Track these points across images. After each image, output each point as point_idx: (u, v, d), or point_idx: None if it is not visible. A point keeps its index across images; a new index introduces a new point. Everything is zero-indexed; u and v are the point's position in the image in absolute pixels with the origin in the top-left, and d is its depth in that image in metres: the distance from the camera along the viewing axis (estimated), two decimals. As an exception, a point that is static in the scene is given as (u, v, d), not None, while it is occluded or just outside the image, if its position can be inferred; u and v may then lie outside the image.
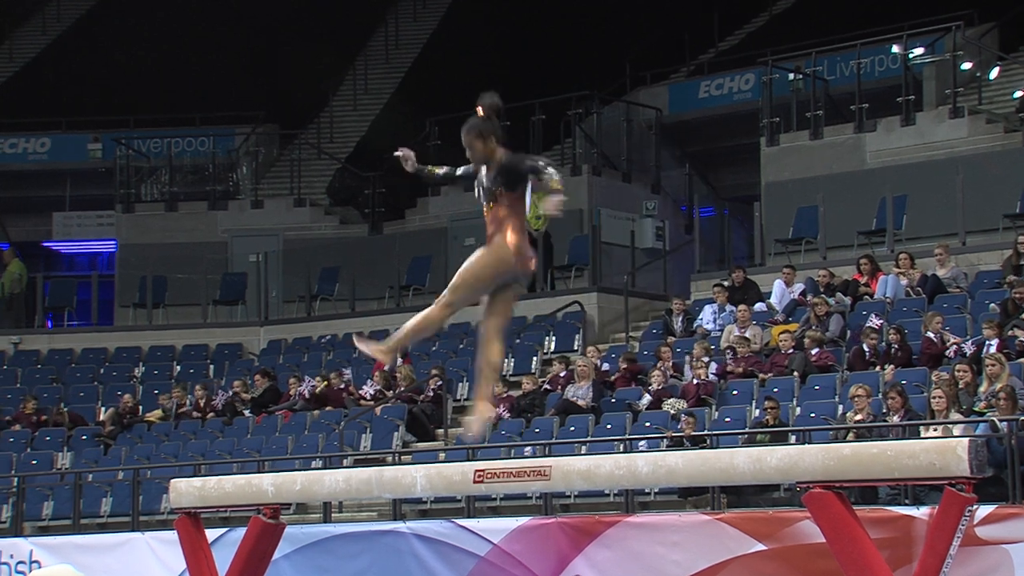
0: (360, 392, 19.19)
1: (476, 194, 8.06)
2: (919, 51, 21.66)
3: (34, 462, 19.58)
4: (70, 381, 22.34)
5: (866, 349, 16.08)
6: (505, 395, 17.85)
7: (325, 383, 19.60)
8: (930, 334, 15.76)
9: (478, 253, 7.89)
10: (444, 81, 28.41)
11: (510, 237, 7.89)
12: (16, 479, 18.32)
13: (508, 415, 17.38)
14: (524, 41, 29.02)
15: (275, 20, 30.61)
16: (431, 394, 18.68)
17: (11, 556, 16.57)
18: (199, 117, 28.01)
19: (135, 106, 28.17)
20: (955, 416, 13.56)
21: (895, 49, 22.11)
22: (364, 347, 8.26)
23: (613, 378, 17.65)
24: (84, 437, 20.21)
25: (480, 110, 7.86)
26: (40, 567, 15.06)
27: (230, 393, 20.21)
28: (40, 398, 21.17)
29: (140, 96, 28.72)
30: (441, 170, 8.29)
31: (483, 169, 7.96)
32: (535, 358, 19.63)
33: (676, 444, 14.29)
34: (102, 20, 32.26)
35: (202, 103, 28.00)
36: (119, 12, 31.70)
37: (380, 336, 20.97)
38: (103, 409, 21.12)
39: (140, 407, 20.88)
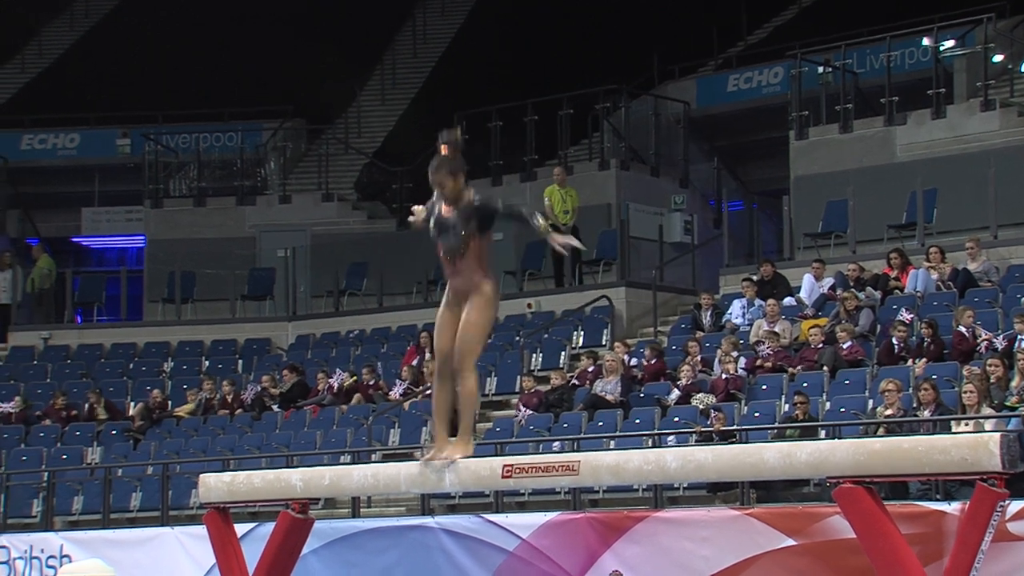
0: (390, 396, 19.11)
1: (433, 233, 8.00)
2: (950, 43, 21.40)
3: (64, 457, 19.59)
4: (99, 376, 22.33)
5: (895, 343, 15.96)
6: (533, 390, 17.81)
7: (354, 378, 19.57)
8: (961, 328, 15.62)
9: (479, 309, 7.92)
10: (472, 75, 28.32)
11: (490, 285, 7.98)
12: (46, 474, 18.37)
13: (529, 412, 17.34)
14: (552, 35, 28.96)
15: (302, 15, 30.61)
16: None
17: (41, 551, 16.67)
18: (227, 112, 27.99)
19: (163, 101, 28.16)
20: (986, 411, 13.44)
21: (926, 41, 21.95)
22: (449, 456, 8.12)
23: (640, 375, 17.55)
24: (114, 432, 20.22)
25: (444, 148, 7.80)
26: (70, 562, 15.27)
27: (259, 388, 20.19)
28: (70, 393, 21.20)
29: (168, 91, 28.75)
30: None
31: (441, 207, 7.93)
32: (563, 353, 19.54)
33: (705, 439, 14.20)
34: (130, 15, 32.35)
35: (230, 98, 28.01)
36: (147, 7, 31.78)
37: (409, 331, 21.03)
38: (132, 404, 21.11)
39: (169, 402, 20.89)
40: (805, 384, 15.75)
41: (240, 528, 10.38)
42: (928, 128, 20.44)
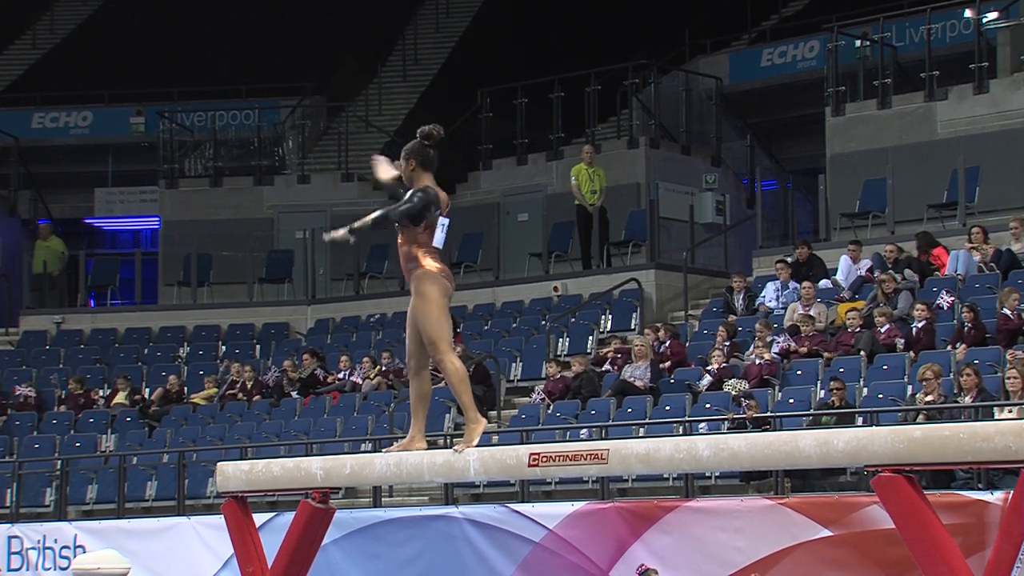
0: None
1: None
2: (993, 15, 21.19)
3: (78, 445, 19.45)
4: (114, 362, 22.19)
5: (915, 328, 15.68)
6: (558, 376, 17.44)
7: (377, 368, 19.22)
8: (1006, 311, 15.34)
9: (422, 298, 8.32)
10: (496, 51, 28.10)
11: (422, 270, 8.35)
12: (60, 462, 18.22)
13: (544, 400, 17.08)
14: (579, 8, 28.77)
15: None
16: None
17: (55, 541, 16.61)
18: (244, 89, 27.94)
19: (179, 78, 28.10)
20: (1032, 397, 13.15)
21: (967, 13, 21.82)
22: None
23: (665, 364, 17.20)
24: (128, 419, 20.02)
25: (419, 135, 8.43)
26: (85, 552, 15.22)
27: (279, 372, 19.88)
28: (83, 379, 20.97)
29: (184, 68, 28.67)
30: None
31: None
32: (591, 337, 19.34)
33: (738, 426, 13.95)
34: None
35: (247, 75, 27.93)
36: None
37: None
38: (147, 390, 20.88)
39: (185, 388, 20.65)
40: (841, 369, 15.53)
41: (259, 518, 10.38)
42: (970, 104, 20.16)
